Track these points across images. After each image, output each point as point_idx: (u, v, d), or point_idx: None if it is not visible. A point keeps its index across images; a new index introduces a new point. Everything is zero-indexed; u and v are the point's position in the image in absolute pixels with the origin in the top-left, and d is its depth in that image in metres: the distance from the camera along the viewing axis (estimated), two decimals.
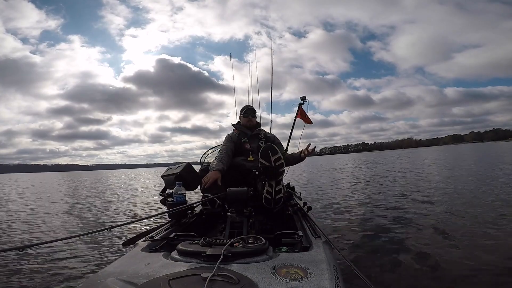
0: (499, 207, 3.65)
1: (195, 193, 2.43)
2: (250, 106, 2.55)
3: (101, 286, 0.85)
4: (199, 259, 0.97)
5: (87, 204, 7.11)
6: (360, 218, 3.66)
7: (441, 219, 3.32)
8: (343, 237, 2.91)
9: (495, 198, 4.24)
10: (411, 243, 2.59)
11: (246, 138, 2.37)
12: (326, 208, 4.53)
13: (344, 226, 3.34)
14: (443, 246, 2.45)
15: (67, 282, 2.13)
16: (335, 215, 3.99)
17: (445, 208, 3.83)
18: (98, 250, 2.87)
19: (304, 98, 3.00)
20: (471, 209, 3.67)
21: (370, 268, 2.11)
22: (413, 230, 2.98)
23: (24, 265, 2.47)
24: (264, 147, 1.78)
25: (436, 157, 19.68)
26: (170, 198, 1.92)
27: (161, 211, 1.98)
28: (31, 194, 11.33)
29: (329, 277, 0.86)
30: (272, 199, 1.79)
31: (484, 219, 3.14)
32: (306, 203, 2.09)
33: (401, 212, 3.81)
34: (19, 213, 5.92)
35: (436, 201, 4.36)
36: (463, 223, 3.10)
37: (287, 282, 0.81)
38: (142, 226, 3.65)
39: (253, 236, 1.13)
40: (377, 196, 5.33)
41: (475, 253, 2.23)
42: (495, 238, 2.56)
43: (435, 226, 3.05)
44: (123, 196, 8.63)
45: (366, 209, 4.23)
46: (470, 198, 4.39)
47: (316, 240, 1.26)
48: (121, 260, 1.10)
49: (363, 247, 2.57)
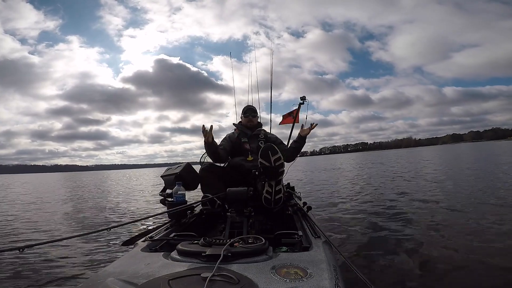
0: (499, 206, 3.65)
1: (195, 193, 2.43)
2: (251, 106, 2.55)
3: (101, 286, 0.85)
4: (199, 259, 0.97)
5: (87, 204, 7.11)
6: (360, 218, 3.65)
7: (442, 219, 3.32)
8: (343, 237, 2.91)
9: (497, 197, 4.24)
10: (412, 243, 2.58)
11: (246, 138, 2.38)
12: (326, 208, 4.53)
13: (344, 226, 3.34)
14: (443, 246, 2.45)
15: (67, 282, 2.13)
16: (335, 215, 3.99)
17: (446, 208, 3.84)
18: (98, 250, 2.87)
19: (304, 98, 3.00)
20: (472, 209, 3.67)
21: (370, 268, 2.11)
22: (414, 230, 2.98)
23: (24, 265, 2.47)
24: (264, 147, 1.78)
25: (436, 157, 19.68)
26: (170, 198, 1.92)
27: (161, 211, 1.98)
28: (30, 194, 11.33)
29: (329, 277, 0.86)
30: (272, 199, 1.79)
31: (486, 219, 3.14)
32: (306, 203, 2.09)
33: (401, 212, 3.81)
34: (19, 214, 5.92)
35: (437, 201, 4.36)
36: (464, 223, 3.10)
37: (287, 282, 0.81)
38: (142, 226, 3.64)
39: (253, 236, 1.13)
40: (377, 196, 5.33)
41: (475, 253, 2.23)
42: (496, 238, 2.56)
43: (435, 226, 3.05)
44: (122, 197, 8.62)
45: (366, 209, 4.23)
46: (471, 197, 4.39)
47: (316, 240, 1.26)
48: (121, 260, 1.10)
49: (363, 247, 2.57)
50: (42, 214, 5.75)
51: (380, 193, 5.60)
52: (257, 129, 2.46)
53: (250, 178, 2.01)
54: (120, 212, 5.51)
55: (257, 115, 2.49)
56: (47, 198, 9.32)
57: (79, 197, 8.94)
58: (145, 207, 5.96)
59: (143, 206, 6.21)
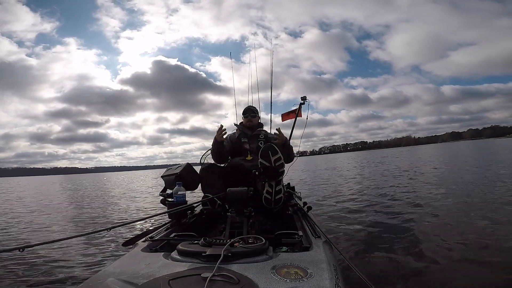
0: (499, 205, 3.64)
1: (195, 193, 2.44)
2: (251, 107, 2.56)
3: (101, 286, 0.85)
4: (199, 259, 0.97)
5: (87, 205, 7.11)
6: (360, 218, 3.65)
7: (443, 218, 3.32)
8: (343, 237, 2.91)
9: (498, 196, 4.23)
10: (412, 242, 2.58)
11: (246, 138, 2.38)
12: (326, 208, 4.53)
13: (344, 226, 3.34)
14: (444, 246, 2.45)
15: (68, 282, 2.13)
16: (335, 214, 3.99)
17: (446, 208, 3.83)
18: (98, 250, 2.87)
19: (304, 98, 3.01)
20: (472, 208, 3.66)
21: (370, 268, 2.11)
22: (414, 230, 2.98)
23: (24, 265, 2.47)
24: (264, 147, 1.78)
25: (437, 155, 19.67)
26: (170, 198, 1.92)
27: (161, 211, 1.98)
28: (31, 196, 11.34)
29: (329, 277, 0.86)
30: (272, 199, 1.79)
31: (486, 219, 3.14)
32: (306, 203, 2.09)
33: (401, 212, 3.80)
34: (20, 215, 5.92)
35: (437, 200, 4.36)
36: (465, 222, 3.10)
37: (287, 282, 0.81)
38: (142, 226, 3.65)
39: (253, 236, 1.13)
40: (377, 196, 5.33)
41: (475, 253, 2.23)
42: (497, 238, 2.55)
43: (436, 226, 3.05)
44: (122, 198, 8.63)
45: (367, 209, 4.23)
46: (472, 197, 4.38)
47: (316, 240, 1.26)
48: (121, 260, 1.10)
49: (363, 247, 2.57)
50: (43, 215, 5.75)
51: (381, 193, 5.60)
52: (257, 129, 2.46)
53: (250, 178, 2.01)
54: (120, 213, 5.51)
55: (257, 115, 2.49)
56: (47, 199, 9.32)
57: (79, 199, 8.94)
58: (145, 207, 5.96)
59: (142, 206, 6.22)
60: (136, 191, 10.76)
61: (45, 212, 6.08)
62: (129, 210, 5.78)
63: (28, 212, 6.07)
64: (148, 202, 6.93)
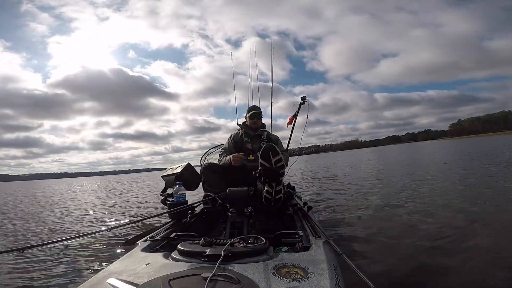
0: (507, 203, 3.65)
1: (195, 193, 2.44)
2: (257, 107, 2.58)
3: (101, 286, 0.85)
4: (199, 259, 0.97)
5: (88, 205, 7.10)
6: (361, 218, 3.65)
7: (444, 218, 3.31)
8: (344, 237, 2.90)
9: (499, 196, 4.23)
10: (412, 242, 2.58)
11: (249, 138, 2.41)
12: (327, 207, 4.53)
13: (344, 225, 3.33)
14: (444, 246, 2.44)
15: (68, 282, 2.13)
16: (335, 214, 3.99)
17: (446, 208, 3.83)
18: (98, 250, 2.87)
19: (304, 98, 3.02)
20: (473, 207, 3.66)
21: (370, 268, 2.10)
22: (414, 229, 2.97)
23: (24, 266, 2.47)
24: (264, 148, 1.78)
25: (403, 154, 19.73)
26: (170, 198, 1.93)
27: (161, 211, 1.98)
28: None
29: (329, 277, 0.86)
30: (272, 198, 1.79)
31: (487, 218, 3.14)
32: (306, 203, 2.09)
33: (402, 212, 3.80)
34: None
35: (437, 200, 4.35)
36: (465, 222, 3.09)
37: (287, 282, 0.81)
38: (143, 226, 3.64)
39: (253, 236, 1.13)
40: (377, 195, 5.32)
41: (476, 252, 2.23)
42: (498, 238, 2.55)
43: (436, 226, 3.04)
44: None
45: (367, 208, 4.23)
46: (472, 196, 4.37)
47: (316, 240, 1.26)
48: (121, 260, 1.10)
49: (363, 247, 2.56)
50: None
51: (381, 193, 5.59)
52: (260, 130, 2.49)
53: (251, 177, 2.02)
54: (120, 213, 5.51)
55: (262, 117, 2.55)
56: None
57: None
58: (145, 208, 5.96)
59: (141, 206, 6.21)
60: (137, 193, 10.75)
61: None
62: (128, 210, 5.77)
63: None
64: (152, 202, 6.93)
